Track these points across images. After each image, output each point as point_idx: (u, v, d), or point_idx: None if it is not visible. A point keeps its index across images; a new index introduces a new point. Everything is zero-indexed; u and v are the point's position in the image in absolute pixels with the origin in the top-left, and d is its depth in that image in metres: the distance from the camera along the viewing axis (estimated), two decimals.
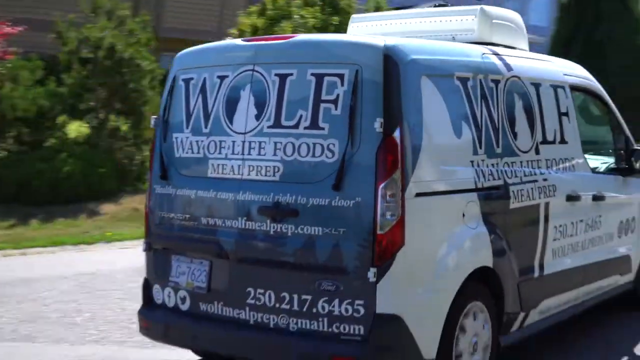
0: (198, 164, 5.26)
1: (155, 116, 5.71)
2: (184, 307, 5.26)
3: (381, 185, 4.55)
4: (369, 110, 4.63)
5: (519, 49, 6.36)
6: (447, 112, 5.02)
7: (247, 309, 4.91)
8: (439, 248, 4.84)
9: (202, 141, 5.25)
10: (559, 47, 18.32)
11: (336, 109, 4.72)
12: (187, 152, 5.34)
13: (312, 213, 4.69)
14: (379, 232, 4.54)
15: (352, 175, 4.62)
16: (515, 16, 6.51)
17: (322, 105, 4.76)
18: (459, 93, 5.16)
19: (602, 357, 6.59)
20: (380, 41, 4.79)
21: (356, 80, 4.66)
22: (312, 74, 4.81)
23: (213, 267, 5.10)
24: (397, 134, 4.59)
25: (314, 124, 4.77)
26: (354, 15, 6.99)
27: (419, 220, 4.67)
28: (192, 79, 5.40)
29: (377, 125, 4.57)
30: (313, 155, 4.76)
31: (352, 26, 6.65)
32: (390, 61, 4.68)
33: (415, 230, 4.64)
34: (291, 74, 4.90)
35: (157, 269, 5.47)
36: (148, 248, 5.57)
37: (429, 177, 4.79)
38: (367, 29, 6.48)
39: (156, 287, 5.46)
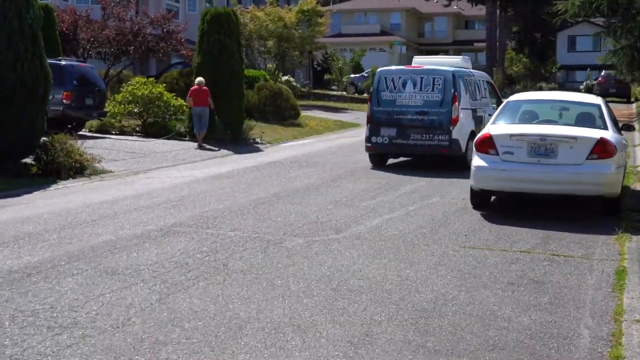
0: (392, 101, 17.88)
1: (370, 88, 20.68)
2: (385, 142, 17.86)
3: (453, 105, 17.52)
4: (449, 87, 17.57)
5: (468, 68, 20.17)
6: (464, 88, 18.15)
7: (410, 139, 17.66)
8: (465, 123, 17.92)
9: (394, 93, 17.87)
10: None
11: (440, 86, 17.59)
12: (387, 97, 17.94)
13: (434, 113, 17.58)
14: (453, 117, 17.48)
15: (445, 103, 17.53)
16: (467, 58, 21.22)
17: (435, 84, 17.62)
18: (466, 82, 18.44)
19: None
20: (450, 68, 18.17)
21: (445, 79, 17.69)
22: (431, 77, 17.77)
23: (397, 130, 17.74)
24: (456, 93, 17.65)
25: (433, 90, 17.63)
26: (415, 57, 21.73)
27: (462, 115, 17.81)
28: (387, 77, 18.08)
29: (452, 90, 17.58)
30: (434, 99, 17.64)
31: (415, 60, 20.07)
32: (454, 74, 17.86)
33: (460, 118, 17.73)
34: (425, 75, 17.85)
35: (374, 132, 17.95)
36: (370, 126, 18.08)
37: (463, 104, 17.97)
38: (419, 61, 19.67)
39: (373, 137, 17.93)
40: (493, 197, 12.77)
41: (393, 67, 19.99)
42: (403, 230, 10.70)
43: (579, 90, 45.43)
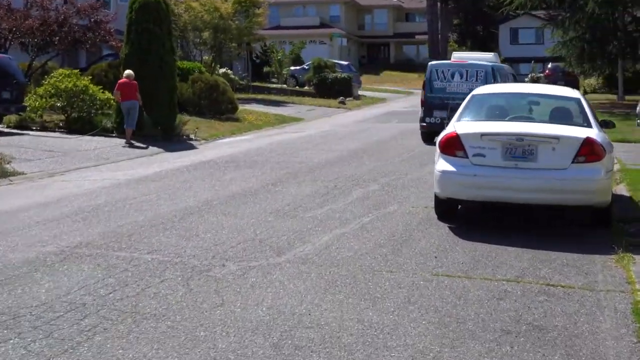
0: (443, 88, 22.09)
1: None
2: (437, 122, 20.65)
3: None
4: (489, 78, 21.63)
5: (498, 63, 25.18)
6: (500, 79, 22.17)
7: None
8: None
9: (444, 82, 22.21)
10: None
11: (482, 77, 21.76)
12: (438, 85, 22.22)
13: None
14: None
15: (487, 83, 19.82)
16: (496, 54, 26.86)
17: (478, 75, 21.94)
18: (501, 74, 22.90)
19: None
20: (489, 63, 23.09)
21: (486, 71, 22.07)
22: (475, 69, 22.21)
23: (448, 111, 18.60)
24: (493, 80, 21.32)
25: (476, 80, 21.55)
26: (454, 52, 28.95)
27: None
28: (438, 69, 22.61)
29: (492, 80, 21.35)
30: (479, 84, 18.80)
31: (453, 55, 25.51)
32: (493, 68, 22.49)
33: None
34: (470, 68, 22.32)
35: (427, 114, 22.03)
36: (424, 109, 22.23)
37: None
38: (458, 57, 24.91)
39: (427, 118, 22.02)
40: (460, 206, 10.86)
41: (442, 62, 25.23)
42: (359, 250, 8.68)
43: (523, 82, 44.16)
